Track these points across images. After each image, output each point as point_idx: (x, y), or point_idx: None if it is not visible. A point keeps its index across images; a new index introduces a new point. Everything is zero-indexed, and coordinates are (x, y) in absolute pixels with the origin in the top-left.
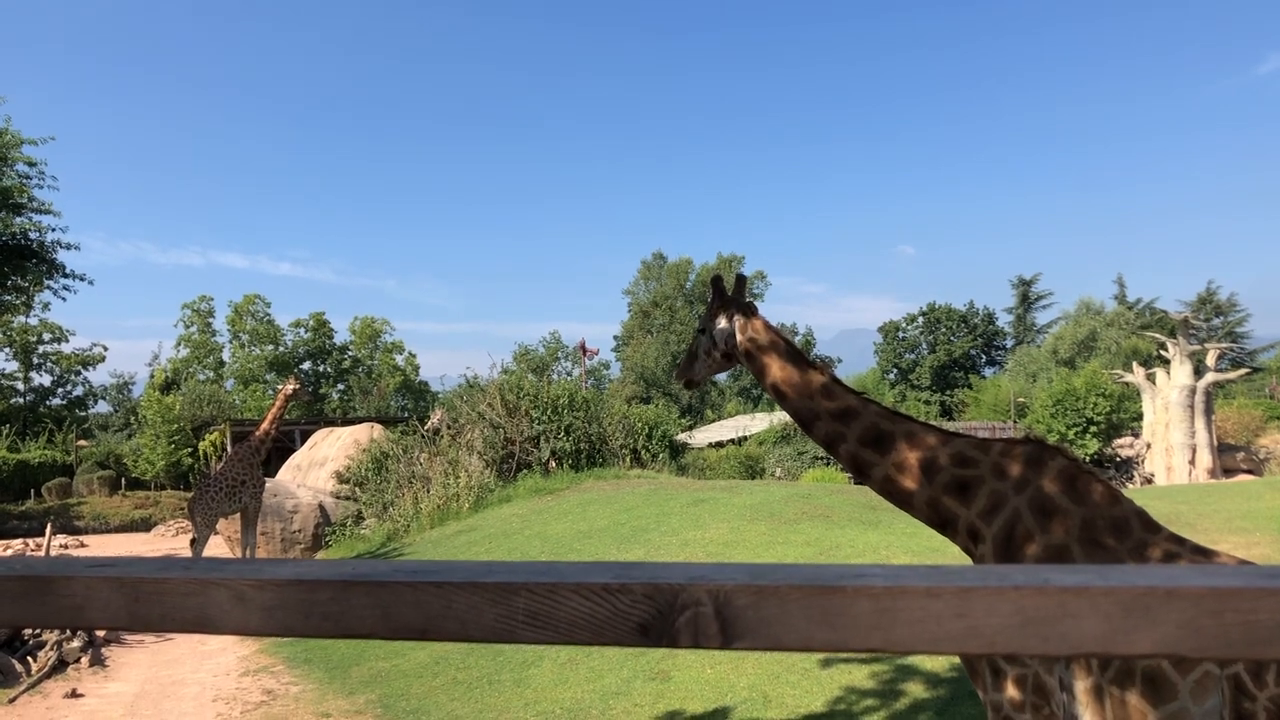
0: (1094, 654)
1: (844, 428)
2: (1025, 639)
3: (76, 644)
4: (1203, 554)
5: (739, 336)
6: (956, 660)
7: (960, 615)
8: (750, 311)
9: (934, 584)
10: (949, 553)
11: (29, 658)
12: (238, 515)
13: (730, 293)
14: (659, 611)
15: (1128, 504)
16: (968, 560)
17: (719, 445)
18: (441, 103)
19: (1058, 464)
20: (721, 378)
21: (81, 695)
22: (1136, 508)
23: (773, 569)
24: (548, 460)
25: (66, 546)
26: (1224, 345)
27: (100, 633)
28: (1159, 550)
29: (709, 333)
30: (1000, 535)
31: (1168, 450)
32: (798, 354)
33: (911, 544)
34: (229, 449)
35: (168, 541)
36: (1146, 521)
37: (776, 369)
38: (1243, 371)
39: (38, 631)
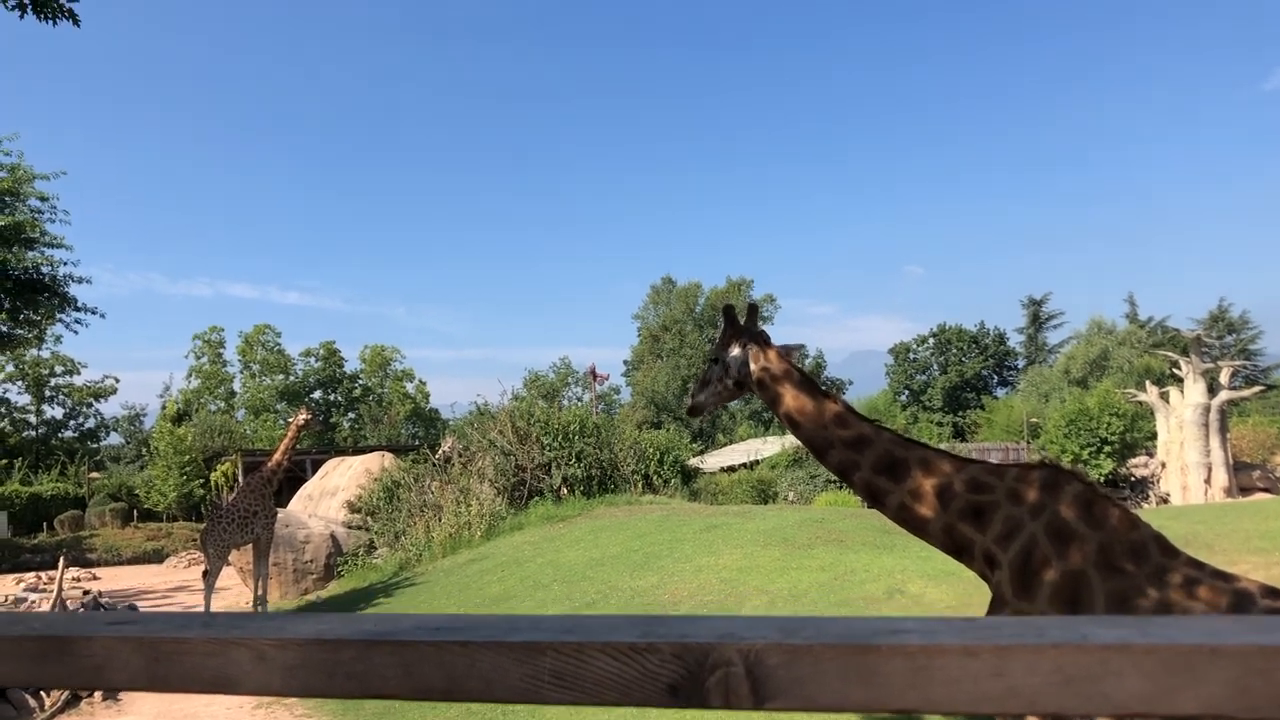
0: (1138, 714)
1: (858, 456)
2: (1066, 698)
3: None
4: (1223, 578)
5: (752, 366)
6: None
7: (999, 674)
8: (763, 341)
9: (970, 641)
10: (964, 575)
11: (41, 692)
12: (250, 546)
13: (742, 322)
14: (688, 672)
15: (1145, 528)
16: (983, 584)
17: (731, 470)
18: (447, 131)
19: (1073, 488)
20: (733, 402)
21: None
22: (1154, 532)
23: (803, 624)
24: (559, 487)
25: (79, 579)
26: (1237, 363)
27: None
28: (1178, 575)
29: (721, 361)
30: (1017, 561)
31: (1183, 469)
32: (811, 383)
33: (926, 567)
34: (240, 479)
35: (180, 573)
36: (1165, 546)
37: (790, 398)
38: (1257, 389)
39: None
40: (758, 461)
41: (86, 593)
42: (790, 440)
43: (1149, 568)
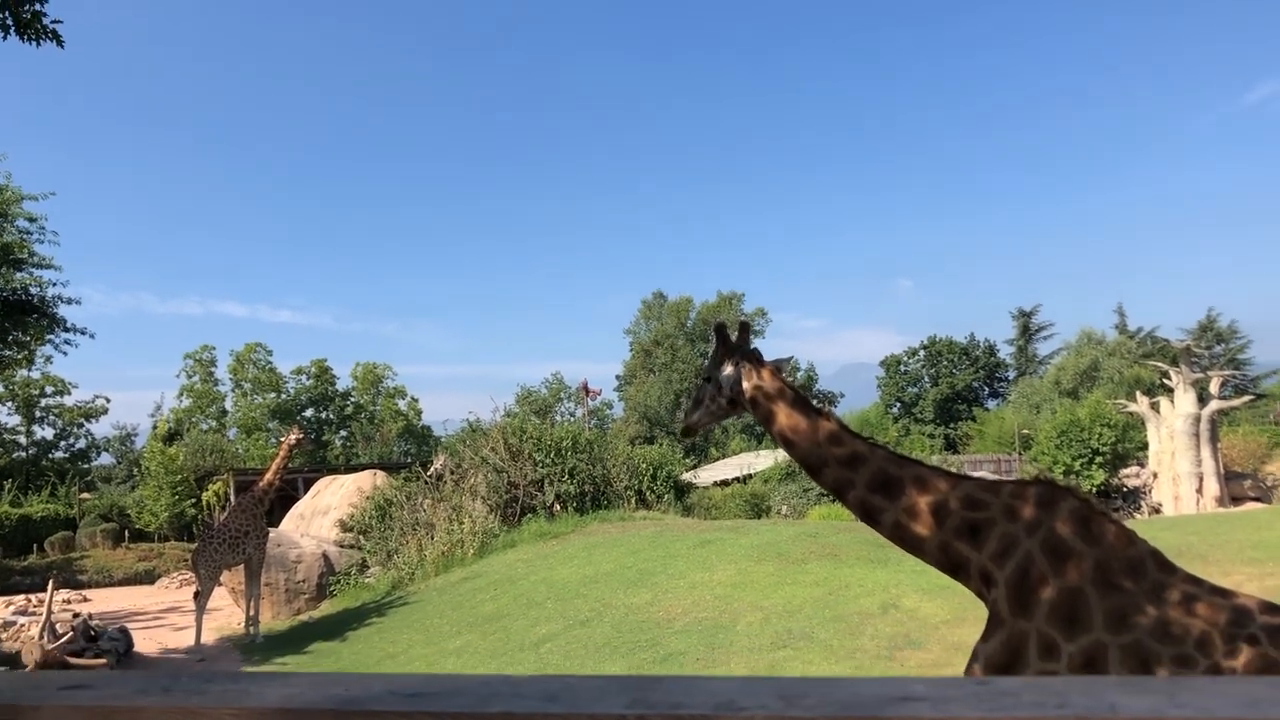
0: None
1: (852, 474)
2: None
3: None
4: (1221, 594)
5: (745, 384)
6: None
7: None
8: (756, 359)
9: (988, 713)
10: (959, 590)
11: None
12: (242, 566)
13: (734, 339)
14: None
15: (1142, 544)
16: (978, 599)
17: (724, 484)
18: (437, 146)
19: (1069, 505)
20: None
21: None
22: (1151, 548)
23: (804, 688)
24: (552, 503)
25: (69, 601)
26: (1227, 373)
27: None
28: (1176, 592)
29: (714, 380)
30: (1013, 579)
31: (1175, 479)
32: (804, 401)
33: (921, 582)
34: (232, 499)
35: (171, 594)
36: (1162, 562)
37: (784, 416)
38: (1247, 398)
39: None
40: (750, 475)
41: (76, 615)
42: (783, 454)
43: (1147, 584)
